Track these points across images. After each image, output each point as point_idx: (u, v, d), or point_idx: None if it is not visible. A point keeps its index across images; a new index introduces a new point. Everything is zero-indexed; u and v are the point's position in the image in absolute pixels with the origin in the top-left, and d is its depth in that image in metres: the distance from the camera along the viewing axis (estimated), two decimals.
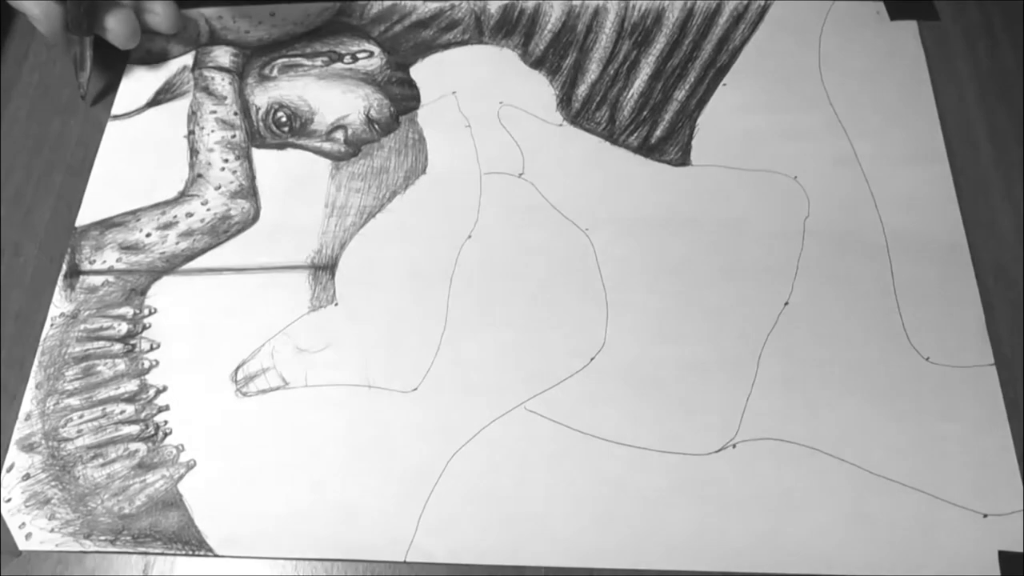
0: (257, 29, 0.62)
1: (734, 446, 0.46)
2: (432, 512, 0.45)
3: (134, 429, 0.49)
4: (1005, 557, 0.43)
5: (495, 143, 0.56)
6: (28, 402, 0.50)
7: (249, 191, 0.56)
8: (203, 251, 0.54)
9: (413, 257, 0.52)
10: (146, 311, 0.52)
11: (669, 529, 0.44)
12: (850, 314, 0.49)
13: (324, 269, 0.52)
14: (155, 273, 0.53)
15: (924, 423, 0.46)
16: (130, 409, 0.49)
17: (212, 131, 0.58)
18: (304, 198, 0.55)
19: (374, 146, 0.57)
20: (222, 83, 0.60)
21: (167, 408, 0.49)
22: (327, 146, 0.57)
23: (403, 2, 0.62)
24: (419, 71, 0.60)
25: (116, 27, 0.54)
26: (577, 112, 0.57)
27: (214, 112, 0.59)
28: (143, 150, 0.58)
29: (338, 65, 0.60)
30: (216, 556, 0.45)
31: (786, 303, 0.50)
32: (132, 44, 0.57)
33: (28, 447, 0.48)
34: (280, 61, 0.61)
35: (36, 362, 0.51)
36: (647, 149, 0.55)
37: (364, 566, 0.45)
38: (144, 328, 0.51)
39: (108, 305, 0.52)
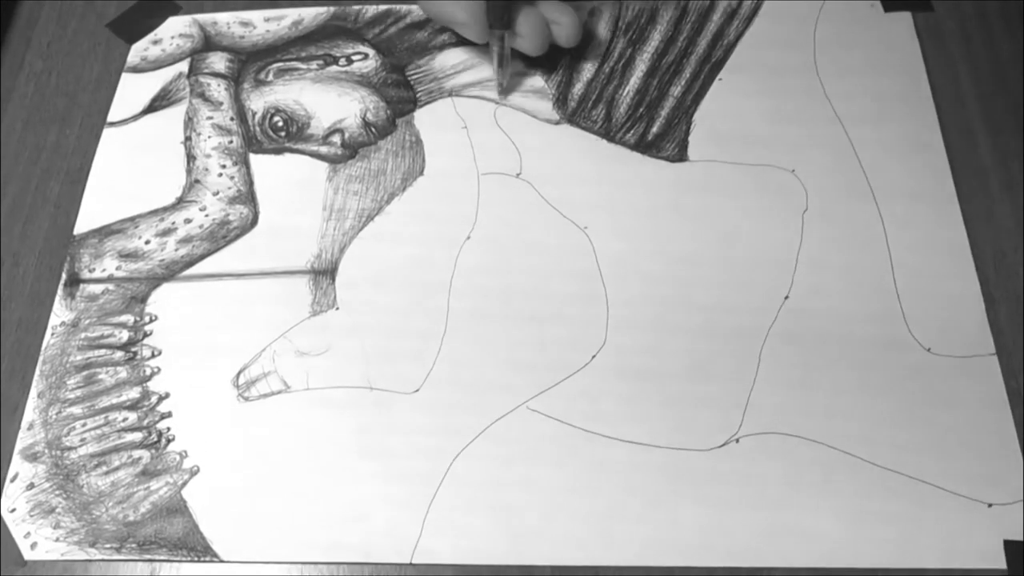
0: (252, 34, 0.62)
1: (737, 441, 0.46)
2: (437, 513, 0.45)
3: (137, 436, 0.49)
4: (1010, 546, 0.43)
5: (492, 144, 0.56)
6: (30, 411, 0.50)
7: (247, 196, 0.56)
8: (202, 257, 0.54)
9: (412, 259, 0.53)
10: (147, 318, 0.52)
11: (674, 526, 0.44)
12: (850, 306, 0.49)
13: (324, 274, 0.52)
14: (155, 280, 0.53)
15: (926, 414, 0.46)
16: (132, 416, 0.49)
17: (209, 137, 0.58)
18: (302, 202, 0.55)
19: (371, 149, 0.57)
20: (218, 89, 0.60)
21: (169, 415, 0.49)
22: (324, 150, 0.57)
23: (398, 5, 0.62)
24: (414, 73, 0.60)
25: (529, 33, 0.53)
26: (573, 110, 0.57)
27: (210, 118, 0.59)
28: (140, 157, 0.58)
29: (333, 68, 0.60)
30: (222, 561, 0.45)
31: (786, 297, 0.50)
32: (541, 51, 0.54)
33: (31, 456, 0.48)
34: (275, 65, 0.61)
35: (37, 371, 0.51)
36: (644, 146, 0.55)
37: (370, 568, 0.45)
38: (145, 335, 0.51)
39: (108, 313, 0.52)
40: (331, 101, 0.59)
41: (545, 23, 0.53)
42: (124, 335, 0.52)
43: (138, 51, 0.62)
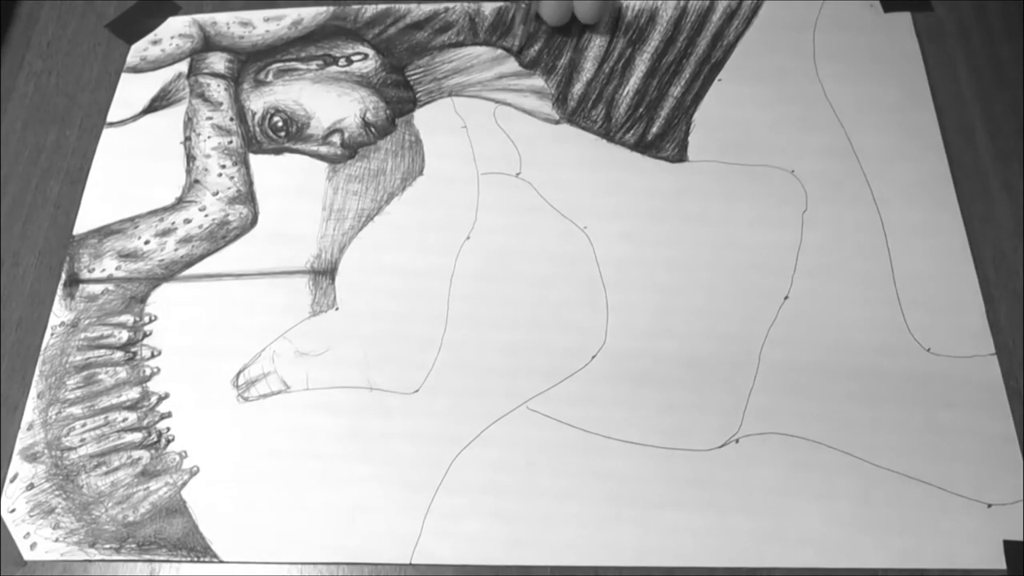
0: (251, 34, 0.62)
1: (737, 441, 0.46)
2: (437, 514, 0.45)
3: (137, 437, 0.49)
4: (1010, 546, 0.43)
5: (492, 143, 0.56)
6: (30, 412, 0.50)
7: (247, 196, 0.56)
8: (202, 257, 0.54)
9: (412, 259, 0.52)
10: (146, 319, 0.52)
11: (673, 526, 0.44)
12: (850, 307, 0.49)
13: (324, 274, 0.52)
14: (154, 280, 0.53)
15: (926, 414, 0.46)
16: (132, 417, 0.49)
17: (208, 137, 0.58)
18: (302, 202, 0.55)
19: (371, 148, 0.57)
20: (217, 89, 0.60)
21: (169, 415, 0.49)
22: (324, 150, 0.57)
23: (397, 5, 0.62)
24: (414, 73, 0.60)
25: (551, 5, 0.58)
26: (573, 110, 0.57)
27: (210, 118, 0.59)
28: (140, 157, 0.58)
29: (333, 68, 0.60)
30: (221, 562, 0.45)
31: (786, 297, 0.50)
32: (561, 22, 0.59)
33: (31, 457, 0.48)
34: (275, 66, 0.61)
35: (37, 371, 0.51)
36: (644, 146, 0.55)
37: (370, 569, 0.45)
38: (145, 335, 0.51)
39: (108, 313, 0.52)
40: (331, 101, 0.59)
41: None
42: (124, 335, 0.52)
43: (138, 51, 0.62)
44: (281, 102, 0.59)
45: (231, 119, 0.59)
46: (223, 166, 0.57)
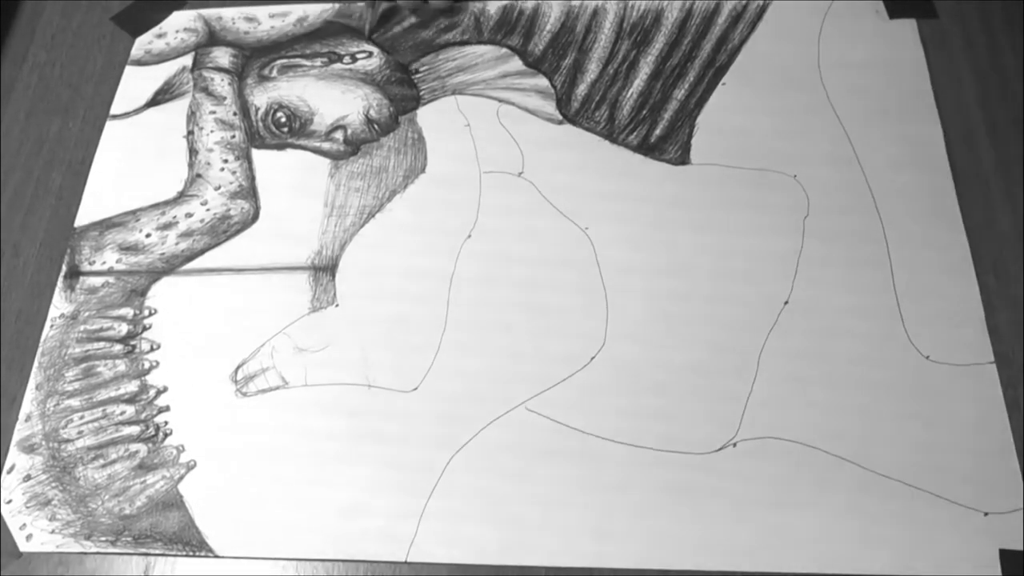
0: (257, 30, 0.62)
1: (734, 445, 0.46)
2: (433, 512, 0.45)
3: (134, 430, 0.49)
4: (1006, 555, 0.43)
5: (494, 142, 0.56)
6: (28, 403, 0.50)
7: (249, 191, 0.56)
8: (203, 251, 0.54)
9: (413, 257, 0.52)
10: (146, 312, 0.52)
11: (669, 529, 0.44)
12: (850, 312, 0.49)
13: (325, 270, 0.52)
14: (155, 274, 0.53)
15: (924, 421, 0.46)
16: (130, 410, 0.49)
17: (211, 131, 0.58)
18: (304, 198, 0.55)
19: (373, 146, 0.57)
20: (221, 84, 0.60)
21: (167, 409, 0.49)
22: (326, 146, 0.57)
23: (402, 2, 0.62)
24: (418, 71, 0.60)
25: None
26: (576, 111, 0.57)
27: (213, 112, 0.59)
28: (142, 150, 0.58)
29: (337, 65, 0.60)
30: (217, 557, 0.45)
31: (786, 302, 0.50)
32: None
33: (29, 448, 0.48)
34: (279, 62, 0.61)
35: (36, 363, 0.51)
36: (646, 148, 0.55)
37: (365, 566, 0.45)
38: (144, 329, 0.51)
39: (108, 306, 0.52)
40: (334, 98, 0.59)
41: None
42: (123, 328, 0.52)
43: (142, 44, 0.62)
44: (285, 98, 0.59)
45: (234, 114, 0.59)
46: (225, 161, 0.57)
